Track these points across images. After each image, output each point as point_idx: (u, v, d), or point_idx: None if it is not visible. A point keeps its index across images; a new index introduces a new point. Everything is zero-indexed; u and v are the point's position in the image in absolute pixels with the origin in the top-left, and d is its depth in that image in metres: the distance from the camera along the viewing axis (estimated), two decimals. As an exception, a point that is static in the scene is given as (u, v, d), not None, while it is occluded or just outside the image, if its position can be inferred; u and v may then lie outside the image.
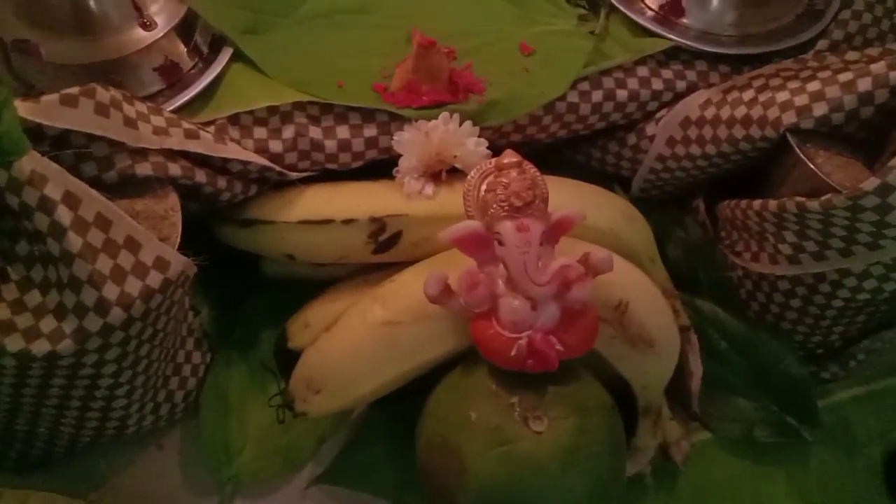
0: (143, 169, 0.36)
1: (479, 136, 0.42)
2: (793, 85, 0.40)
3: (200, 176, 0.38)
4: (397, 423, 0.43)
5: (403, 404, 0.41)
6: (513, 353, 0.35)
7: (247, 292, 0.48)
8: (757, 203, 0.41)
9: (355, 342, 0.39)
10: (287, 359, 0.43)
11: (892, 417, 0.46)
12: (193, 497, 0.44)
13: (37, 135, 0.33)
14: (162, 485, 0.44)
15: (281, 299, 0.46)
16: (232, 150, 0.39)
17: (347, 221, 0.41)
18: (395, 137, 0.41)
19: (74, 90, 0.34)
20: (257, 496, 0.44)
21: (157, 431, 0.44)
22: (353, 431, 0.45)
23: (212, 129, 0.40)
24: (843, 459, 0.45)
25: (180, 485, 0.44)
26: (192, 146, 0.38)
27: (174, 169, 0.37)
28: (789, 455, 0.45)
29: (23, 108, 0.32)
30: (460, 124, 0.41)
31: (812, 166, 0.39)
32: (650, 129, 0.46)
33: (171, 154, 0.37)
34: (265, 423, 0.44)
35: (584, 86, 0.44)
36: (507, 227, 0.35)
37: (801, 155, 0.39)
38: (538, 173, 0.37)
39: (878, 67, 0.38)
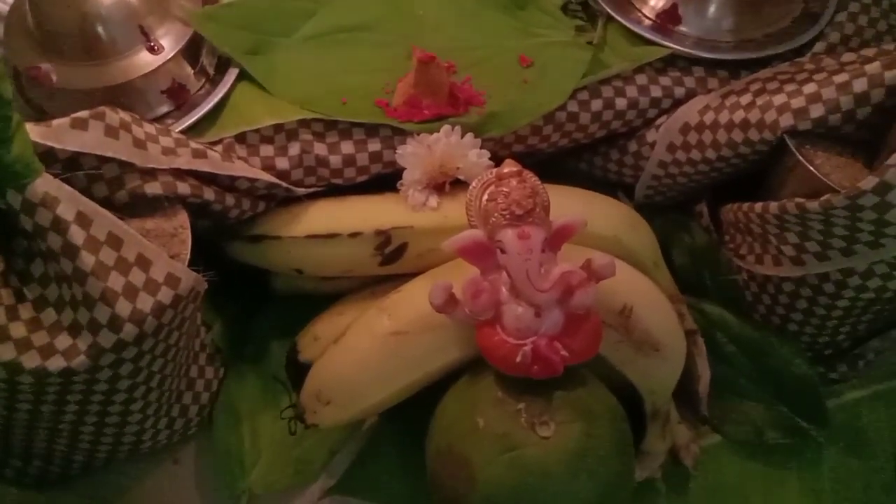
0: (153, 188, 0.37)
1: (480, 148, 0.42)
2: (789, 88, 0.40)
3: (209, 194, 0.39)
4: (408, 433, 0.44)
5: (414, 414, 0.41)
6: (518, 359, 0.35)
7: (258, 307, 0.48)
8: (759, 206, 0.41)
9: (363, 353, 0.40)
10: (298, 372, 0.44)
11: (903, 416, 0.46)
12: (209, 510, 0.44)
13: (49, 158, 0.34)
14: (178, 498, 0.44)
15: (291, 313, 0.47)
16: (239, 168, 0.40)
17: (353, 235, 0.41)
18: (398, 151, 0.42)
19: (84, 114, 0.35)
20: (272, 508, 0.44)
21: (172, 446, 0.45)
22: (364, 442, 0.45)
23: (219, 147, 0.41)
24: (855, 460, 0.45)
25: (196, 498, 0.45)
26: (200, 165, 0.38)
27: (183, 188, 0.38)
28: (800, 457, 0.45)
29: (35, 132, 0.33)
30: (462, 136, 0.42)
31: (811, 167, 0.39)
32: (650, 135, 0.46)
33: (180, 173, 0.38)
34: (277, 435, 0.45)
35: (584, 95, 0.45)
36: (508, 236, 0.35)
37: (800, 157, 0.39)
38: (538, 182, 0.37)
39: (872, 68, 0.38)
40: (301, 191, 0.43)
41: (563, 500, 0.35)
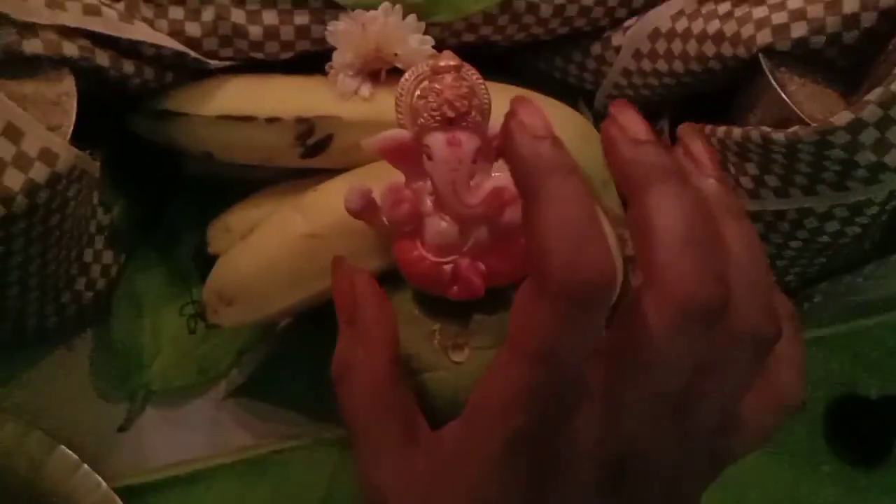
0: (33, 47, 0.32)
1: (425, 34, 0.37)
2: (773, 0, 0.36)
3: (102, 58, 0.34)
4: (321, 338, 0.41)
5: (329, 320, 0.38)
6: (437, 278, 0.32)
7: (170, 192, 0.44)
8: (721, 129, 0.38)
9: (272, 254, 0.36)
10: (206, 264, 0.40)
11: (838, 365, 0.45)
12: (103, 403, 0.42)
13: None
14: (70, 387, 0.42)
15: (206, 201, 0.42)
16: (140, 31, 0.35)
17: (271, 120, 0.37)
18: (328, 28, 0.37)
19: (-56, -53, 0.29)
20: (171, 406, 0.42)
21: (66, 332, 0.41)
22: (274, 345, 0.43)
23: (120, 5, 0.35)
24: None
25: (90, 389, 0.42)
26: (91, 24, 0.33)
27: (70, 49, 0.33)
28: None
29: None
30: (403, 17, 0.37)
31: (782, 94, 0.35)
32: (616, 39, 0.41)
33: (68, 32, 0.33)
34: (181, 331, 0.42)
35: (547, -16, 0.40)
36: (436, 140, 0.31)
37: (772, 80, 0.35)
38: (479, 80, 0.32)
39: (868, -14, 0.34)
40: (214, 63, 0.37)
41: (470, 430, 0.33)
